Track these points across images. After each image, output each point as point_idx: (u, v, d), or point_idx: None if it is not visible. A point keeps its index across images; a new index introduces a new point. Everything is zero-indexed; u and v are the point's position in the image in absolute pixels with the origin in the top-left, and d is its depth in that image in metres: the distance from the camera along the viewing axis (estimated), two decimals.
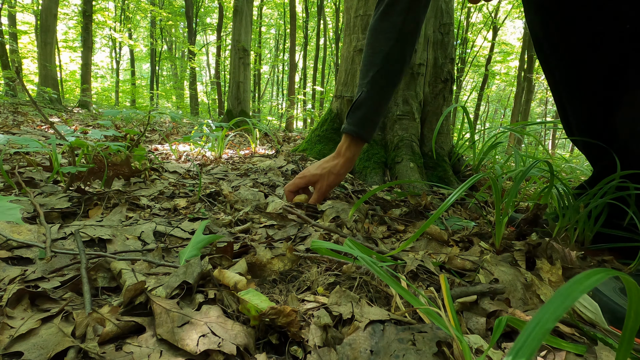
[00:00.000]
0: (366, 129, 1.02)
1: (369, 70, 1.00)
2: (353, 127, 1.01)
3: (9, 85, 7.53)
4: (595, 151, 0.96)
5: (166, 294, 0.52)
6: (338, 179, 1.03)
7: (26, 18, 13.71)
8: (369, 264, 0.49)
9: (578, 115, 0.96)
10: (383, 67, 0.98)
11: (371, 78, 0.99)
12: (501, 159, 2.43)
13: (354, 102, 1.02)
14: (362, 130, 1.01)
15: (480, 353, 0.46)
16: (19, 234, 0.70)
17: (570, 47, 0.88)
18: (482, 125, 16.30)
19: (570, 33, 0.86)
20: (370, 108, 1.01)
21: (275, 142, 2.97)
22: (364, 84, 1.00)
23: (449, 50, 1.74)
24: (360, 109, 1.01)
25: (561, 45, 0.89)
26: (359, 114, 1.01)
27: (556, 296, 0.21)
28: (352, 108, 1.03)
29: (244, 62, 6.46)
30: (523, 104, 10.46)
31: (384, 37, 0.98)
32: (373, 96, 1.00)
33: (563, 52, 0.90)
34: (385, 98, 1.02)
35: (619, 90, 0.84)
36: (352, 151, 1.04)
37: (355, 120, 1.02)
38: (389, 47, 0.97)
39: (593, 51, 0.84)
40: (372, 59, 1.00)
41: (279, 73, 22.41)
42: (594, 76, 0.87)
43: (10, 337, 0.42)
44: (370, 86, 1.00)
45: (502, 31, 17.53)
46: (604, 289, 0.62)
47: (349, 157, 1.03)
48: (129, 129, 1.44)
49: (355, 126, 1.01)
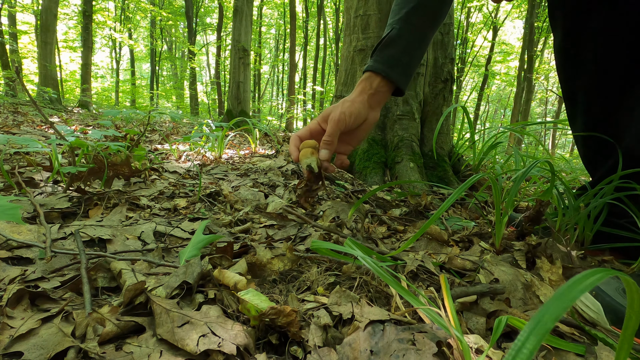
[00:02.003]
0: (397, 71, 0.81)
1: (401, 7, 0.83)
2: (381, 65, 0.81)
3: (9, 85, 7.53)
4: (599, 155, 0.95)
5: (166, 294, 0.52)
6: (353, 105, 0.80)
7: (26, 18, 13.71)
8: (370, 264, 0.49)
9: (589, 115, 0.95)
10: (420, 2, 0.82)
11: (405, 14, 0.82)
12: (501, 159, 2.43)
13: (382, 40, 0.83)
14: (392, 70, 0.81)
15: (480, 353, 0.46)
16: (19, 234, 0.70)
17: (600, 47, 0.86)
18: (482, 125, 16.30)
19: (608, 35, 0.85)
20: (404, 48, 0.82)
21: (275, 142, 2.98)
22: (395, 21, 0.83)
23: (449, 50, 1.74)
24: (389, 47, 0.82)
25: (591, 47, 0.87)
26: (389, 52, 0.82)
27: (556, 296, 0.21)
28: (378, 47, 0.83)
29: (244, 62, 6.46)
30: (523, 104, 10.46)
31: None
32: (406, 35, 0.82)
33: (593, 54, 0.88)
34: (422, 40, 0.84)
35: (633, 92, 0.84)
36: (374, 88, 0.82)
37: (384, 58, 0.82)
38: None
39: (621, 51, 0.83)
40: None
41: (279, 73, 22.41)
42: (615, 78, 0.86)
43: (10, 337, 0.42)
44: (403, 23, 0.82)
45: (502, 31, 17.54)
46: (607, 289, 0.61)
47: (371, 95, 0.82)
48: (129, 129, 1.44)
49: (384, 65, 0.81)
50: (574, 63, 0.93)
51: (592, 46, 0.87)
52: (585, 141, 0.98)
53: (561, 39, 0.94)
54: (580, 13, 0.87)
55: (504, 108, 22.36)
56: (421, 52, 0.86)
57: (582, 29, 0.88)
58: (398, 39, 0.82)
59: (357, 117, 0.80)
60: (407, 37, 0.83)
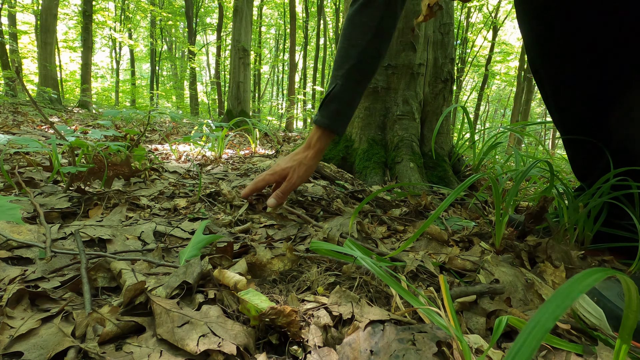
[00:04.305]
0: (338, 122, 1.02)
1: (344, 62, 0.99)
2: (326, 120, 1.01)
3: (9, 85, 7.53)
4: (589, 159, 0.95)
5: (166, 294, 0.52)
6: (309, 171, 1.03)
7: (26, 18, 13.72)
8: (370, 264, 0.49)
9: (568, 117, 0.96)
10: (359, 61, 0.98)
11: (346, 71, 0.99)
12: (501, 159, 2.43)
13: (328, 94, 1.01)
14: (335, 123, 1.01)
15: (480, 353, 0.46)
16: (19, 234, 0.70)
17: (565, 50, 0.87)
18: (482, 125, 16.30)
19: (569, 35, 0.85)
20: (344, 102, 1.00)
21: (275, 142, 2.98)
22: (339, 76, 1.00)
23: (449, 50, 1.74)
24: (333, 102, 1.00)
25: (555, 48, 0.89)
26: (332, 107, 1.01)
27: (555, 296, 0.21)
28: (325, 100, 1.02)
29: (244, 62, 6.46)
30: (523, 104, 10.46)
31: (361, 30, 0.98)
32: (347, 90, 1.00)
33: (557, 55, 0.89)
34: (359, 92, 1.02)
35: (613, 91, 0.84)
36: (323, 143, 1.03)
37: (328, 113, 1.01)
38: (366, 41, 0.97)
39: (588, 52, 0.84)
40: (348, 51, 0.99)
41: (279, 73, 22.42)
42: (588, 77, 0.87)
43: (10, 337, 0.42)
44: (345, 80, 0.99)
45: (502, 31, 17.53)
46: (609, 294, 0.60)
47: (319, 149, 1.03)
48: (129, 129, 1.44)
49: (329, 119, 1.01)
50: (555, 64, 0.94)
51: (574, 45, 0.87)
52: (570, 143, 1.00)
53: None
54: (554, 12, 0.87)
55: (504, 108, 22.35)
56: (359, 100, 1.05)
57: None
58: (341, 94, 0.99)
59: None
60: (348, 92, 1.00)
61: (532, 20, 0.92)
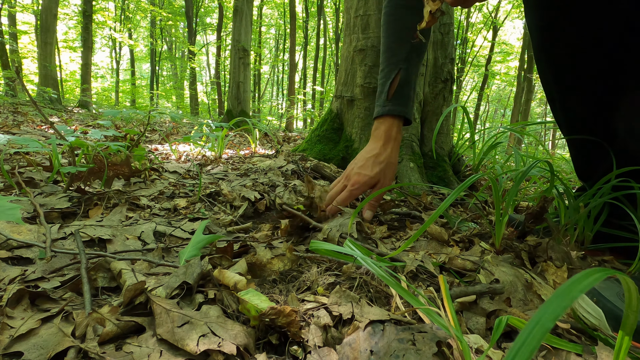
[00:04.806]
0: (411, 109, 0.97)
1: (400, 47, 0.96)
2: (403, 108, 0.95)
3: (9, 85, 7.53)
4: (592, 159, 0.95)
5: (166, 294, 0.52)
6: (395, 168, 0.98)
7: (26, 18, 13.72)
8: (370, 264, 0.49)
9: (572, 117, 0.95)
10: (414, 45, 0.95)
11: (407, 54, 0.96)
12: (501, 159, 2.43)
13: (391, 82, 0.96)
14: (410, 110, 0.96)
15: (480, 353, 0.46)
16: (19, 234, 0.70)
17: (568, 46, 0.87)
18: (482, 125, 16.30)
19: (571, 31, 0.85)
20: (412, 86, 0.97)
21: (275, 142, 2.98)
22: (400, 60, 0.96)
23: (449, 50, 1.74)
24: (404, 87, 0.95)
25: (560, 43, 0.88)
26: (405, 92, 0.96)
27: (555, 296, 0.21)
28: (390, 88, 0.96)
29: (244, 62, 6.46)
30: (523, 104, 10.46)
31: (411, 12, 0.96)
32: (413, 73, 0.97)
33: (561, 50, 0.89)
34: (418, 76, 1.02)
35: (616, 90, 0.84)
36: (401, 134, 0.98)
37: (402, 99, 0.95)
38: (417, 22, 0.97)
39: (593, 48, 0.84)
40: (401, 35, 0.97)
41: (279, 73, 22.41)
42: (591, 76, 0.87)
43: (10, 337, 0.42)
44: (408, 63, 0.96)
45: (502, 31, 17.55)
46: (608, 294, 0.60)
47: (399, 141, 0.97)
48: (129, 129, 1.44)
49: (405, 106, 0.96)
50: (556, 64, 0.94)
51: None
52: (574, 143, 0.99)
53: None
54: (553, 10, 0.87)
55: (504, 108, 22.36)
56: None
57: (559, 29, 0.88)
58: (409, 77, 0.96)
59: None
60: (415, 75, 0.98)
61: (539, 12, 0.92)
